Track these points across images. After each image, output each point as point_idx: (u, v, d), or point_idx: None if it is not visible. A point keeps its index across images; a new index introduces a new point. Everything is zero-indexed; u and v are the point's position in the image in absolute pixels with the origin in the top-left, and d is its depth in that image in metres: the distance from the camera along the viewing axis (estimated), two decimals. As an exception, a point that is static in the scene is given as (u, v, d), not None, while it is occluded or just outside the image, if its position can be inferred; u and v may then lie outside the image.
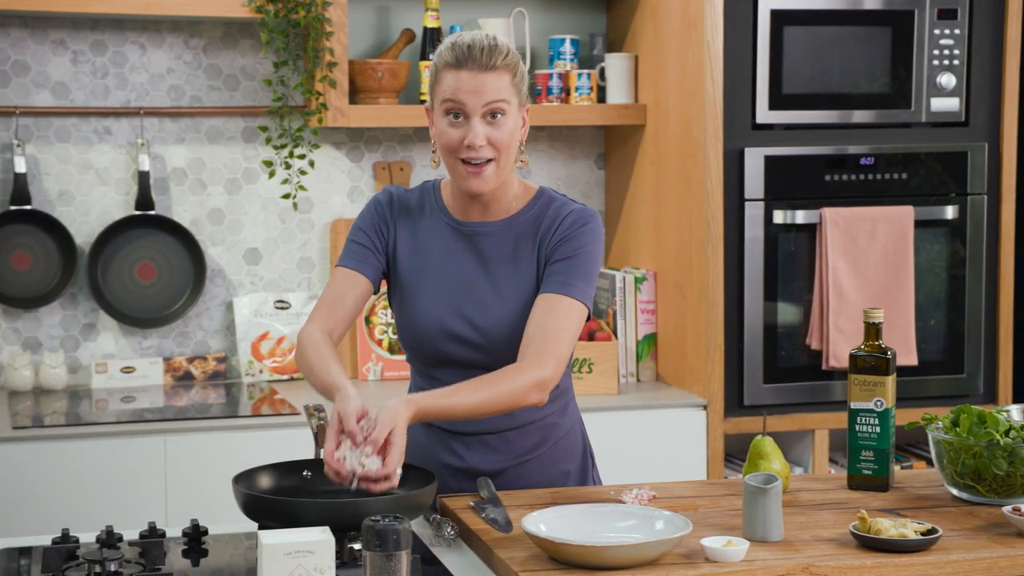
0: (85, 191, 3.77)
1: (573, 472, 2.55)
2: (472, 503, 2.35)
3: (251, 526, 2.27)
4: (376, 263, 2.45)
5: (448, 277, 2.42)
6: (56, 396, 3.64)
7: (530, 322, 2.34)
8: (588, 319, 2.41)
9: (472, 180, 2.34)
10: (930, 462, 3.81)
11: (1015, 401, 3.84)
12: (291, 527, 1.96)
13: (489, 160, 2.33)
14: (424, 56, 3.81)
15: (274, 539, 1.85)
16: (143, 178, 3.74)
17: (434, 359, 2.44)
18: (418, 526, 2.31)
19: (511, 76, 2.33)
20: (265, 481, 2.27)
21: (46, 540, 2.20)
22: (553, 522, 2.13)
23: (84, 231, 3.77)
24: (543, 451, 2.49)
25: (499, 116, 2.32)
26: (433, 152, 2.40)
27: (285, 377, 3.83)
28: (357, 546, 2.07)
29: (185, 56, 3.81)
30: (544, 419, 2.48)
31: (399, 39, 3.87)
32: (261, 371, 3.81)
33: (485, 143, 2.31)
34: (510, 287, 2.41)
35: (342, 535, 2.06)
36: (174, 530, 2.27)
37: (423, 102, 3.80)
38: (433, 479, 2.23)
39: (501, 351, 2.38)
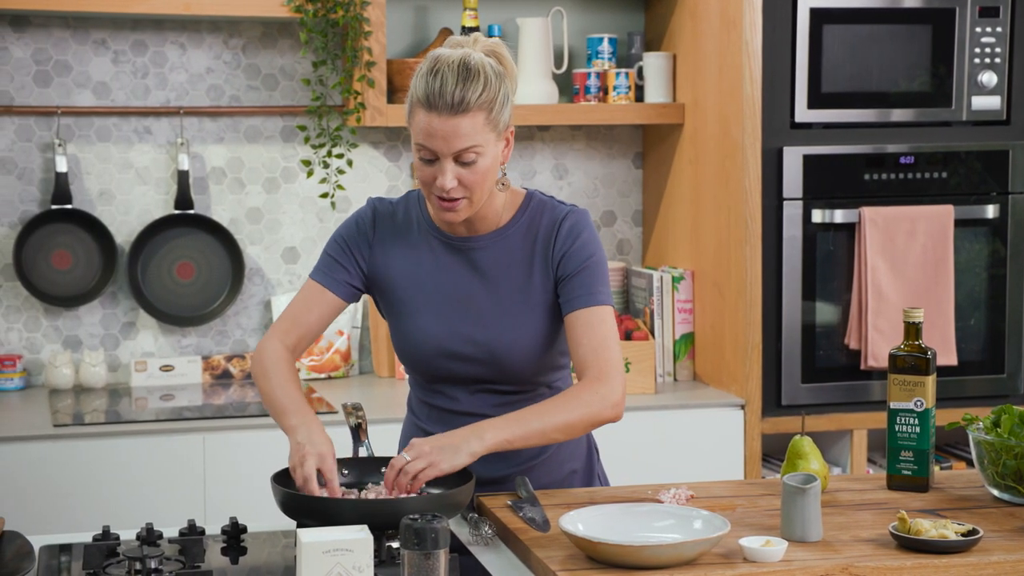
0: (125, 190, 3.80)
1: (579, 471, 2.54)
2: (510, 502, 2.35)
3: (289, 524, 2.28)
4: (348, 279, 2.42)
5: (443, 294, 2.39)
6: (96, 394, 3.67)
7: (575, 344, 2.33)
8: None
9: (446, 214, 2.30)
10: (970, 463, 3.78)
11: (1056, 402, 3.81)
12: (329, 525, 1.97)
13: (461, 198, 2.28)
14: (462, 55, 3.81)
15: (313, 537, 1.86)
16: (182, 177, 3.77)
17: (435, 376, 2.42)
18: (455, 525, 2.31)
19: (486, 114, 2.24)
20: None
21: (87, 537, 2.22)
22: (591, 521, 2.12)
23: (124, 230, 3.79)
24: (548, 455, 2.48)
25: (472, 156, 2.25)
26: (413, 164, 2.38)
27: (323, 376, 3.85)
28: (395, 544, 2.07)
29: (224, 56, 3.83)
30: None
31: (437, 38, 3.87)
32: (299, 370, 3.83)
33: (456, 184, 2.26)
34: (509, 298, 2.38)
35: (380, 534, 2.06)
36: (213, 528, 2.28)
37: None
38: (471, 477, 2.23)
39: (504, 364, 2.37)
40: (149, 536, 2.16)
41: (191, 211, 3.78)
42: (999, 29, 3.71)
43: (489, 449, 2.22)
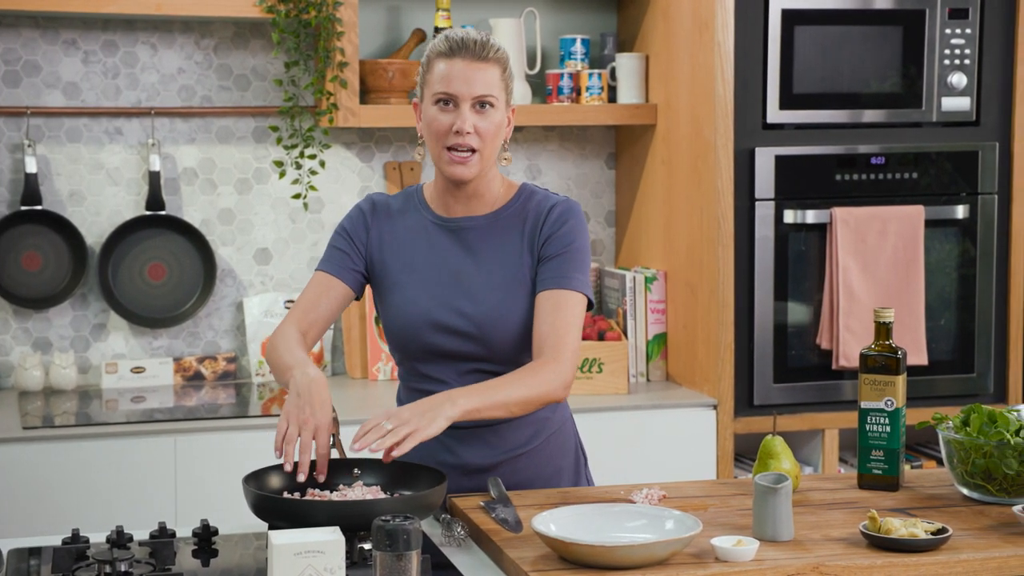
0: (96, 191, 3.78)
1: (566, 469, 2.55)
2: (482, 503, 2.35)
3: (261, 526, 2.27)
4: (355, 268, 2.49)
5: (435, 269, 2.45)
6: (66, 396, 3.65)
7: (539, 321, 2.39)
8: (590, 308, 2.45)
9: (456, 167, 2.39)
10: (940, 462, 3.80)
11: (1026, 401, 3.83)
12: (301, 527, 1.97)
13: (474, 151, 2.38)
14: (434, 56, 3.81)
15: (285, 539, 1.86)
16: (154, 178, 3.75)
17: (423, 353, 2.44)
18: (428, 526, 2.31)
19: (501, 70, 2.39)
20: (275, 481, 2.27)
21: (56, 540, 2.21)
22: (563, 522, 2.13)
23: (95, 231, 3.77)
24: (535, 445, 2.50)
25: (487, 107, 2.37)
26: (419, 145, 2.47)
27: (295, 377, 3.83)
28: (367, 546, 2.07)
29: (196, 56, 3.82)
30: (536, 413, 2.48)
31: (410, 39, 3.87)
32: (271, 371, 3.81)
33: (472, 131, 2.36)
34: (499, 277, 2.43)
35: (352, 535, 2.06)
36: (184, 530, 2.28)
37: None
38: (443, 479, 2.23)
39: (493, 340, 2.41)
40: (119, 539, 2.15)
41: (162, 212, 3.77)
42: (968, 31, 3.73)
43: (461, 415, 2.25)
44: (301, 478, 2.21)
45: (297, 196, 3.78)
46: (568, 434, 2.57)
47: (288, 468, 2.22)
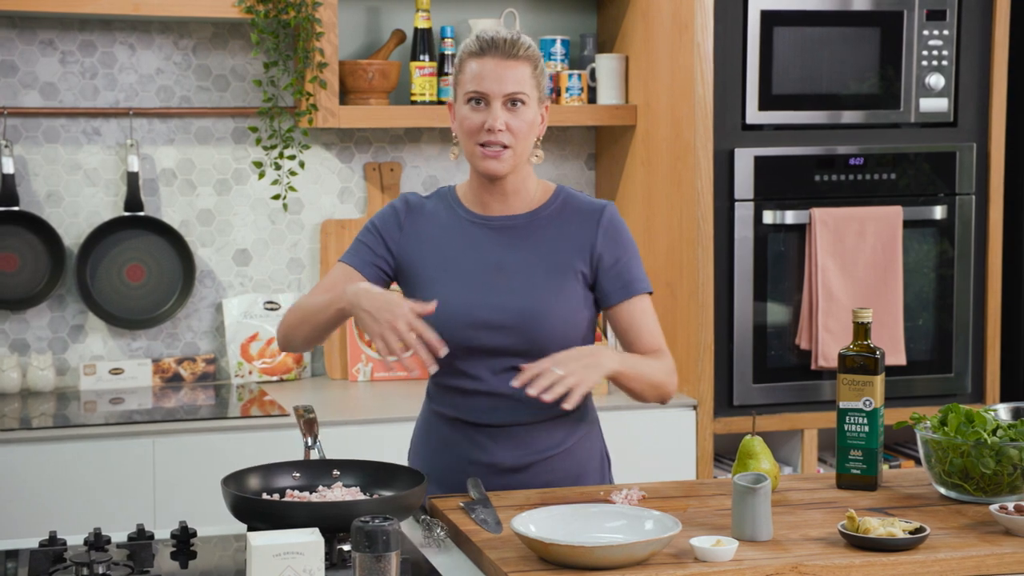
0: (74, 192, 3.77)
1: (592, 471, 2.57)
2: (462, 504, 2.35)
3: (240, 528, 2.27)
4: (377, 265, 2.49)
5: (475, 265, 2.45)
6: (44, 398, 3.64)
7: (635, 333, 2.48)
8: None
9: (490, 162, 2.41)
10: (919, 461, 3.82)
11: (1002, 400, 3.85)
12: (280, 528, 1.96)
13: (506, 146, 2.40)
14: (415, 57, 3.81)
15: (263, 540, 1.85)
16: (132, 179, 3.74)
17: (461, 349, 2.43)
18: (407, 527, 2.31)
19: (532, 68, 2.42)
20: (254, 482, 2.27)
21: (33, 543, 2.20)
22: (543, 522, 2.13)
23: (72, 232, 3.76)
24: (566, 448, 2.50)
25: (519, 105, 2.40)
26: (454, 145, 2.48)
27: (275, 378, 3.83)
28: (347, 547, 2.07)
29: (174, 57, 3.80)
30: (569, 415, 2.50)
31: (389, 40, 3.87)
32: (251, 372, 3.81)
33: (504, 128, 2.39)
34: (541, 272, 2.45)
35: (331, 536, 2.06)
36: (163, 532, 2.27)
37: (414, 103, 3.80)
38: (423, 479, 2.23)
39: (535, 333, 2.41)
40: (97, 541, 2.14)
41: (141, 213, 3.75)
42: (946, 32, 3.75)
43: (611, 373, 2.36)
44: (444, 352, 2.27)
45: (276, 197, 3.77)
46: (596, 436, 2.59)
47: (412, 372, 2.33)
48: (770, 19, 3.63)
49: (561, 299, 2.43)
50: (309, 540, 1.87)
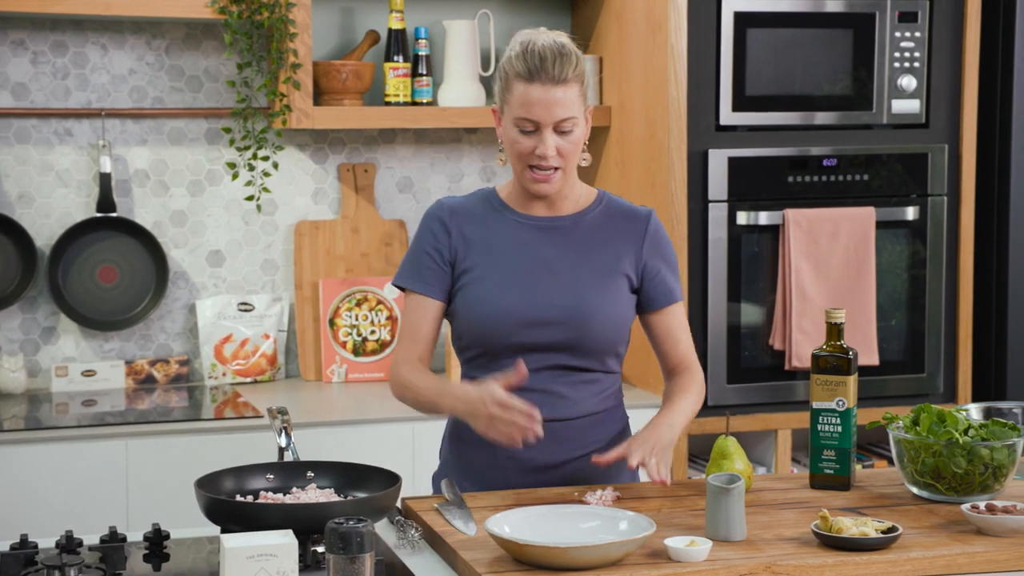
0: (45, 193, 3.75)
1: (623, 468, 2.56)
2: (436, 505, 2.35)
3: (213, 530, 2.26)
4: (443, 279, 2.50)
5: (523, 264, 2.47)
6: (16, 400, 3.62)
7: (671, 341, 2.55)
8: None
9: (540, 186, 2.44)
10: (891, 461, 3.83)
11: (974, 400, 3.87)
12: (254, 530, 1.96)
13: (557, 168, 2.41)
14: (389, 58, 3.80)
15: (237, 542, 1.85)
16: (104, 180, 3.72)
17: (510, 348, 2.45)
18: (382, 529, 2.30)
19: (579, 85, 2.41)
20: (228, 484, 2.26)
21: (4, 546, 2.19)
22: (517, 523, 2.13)
23: (44, 233, 3.74)
24: (602, 445, 2.51)
25: (569, 127, 2.40)
26: (500, 152, 2.48)
27: (248, 380, 3.82)
28: (320, 549, 2.06)
29: (147, 57, 3.79)
30: (606, 411, 2.53)
31: (363, 40, 3.86)
32: (224, 374, 3.80)
33: (555, 153, 2.40)
34: (590, 271, 2.47)
35: (305, 538, 2.05)
36: (135, 535, 2.26)
37: (388, 104, 3.80)
38: (397, 480, 2.22)
39: (584, 329, 2.44)
40: (69, 544, 2.13)
41: (113, 214, 3.74)
42: (918, 34, 3.77)
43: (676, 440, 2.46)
44: (538, 415, 2.28)
45: (250, 198, 3.76)
46: (627, 433, 2.60)
47: (533, 438, 2.30)
48: (743, 20, 3.64)
49: (608, 298, 2.47)
50: (283, 542, 1.86)
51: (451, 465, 2.55)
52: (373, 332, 3.87)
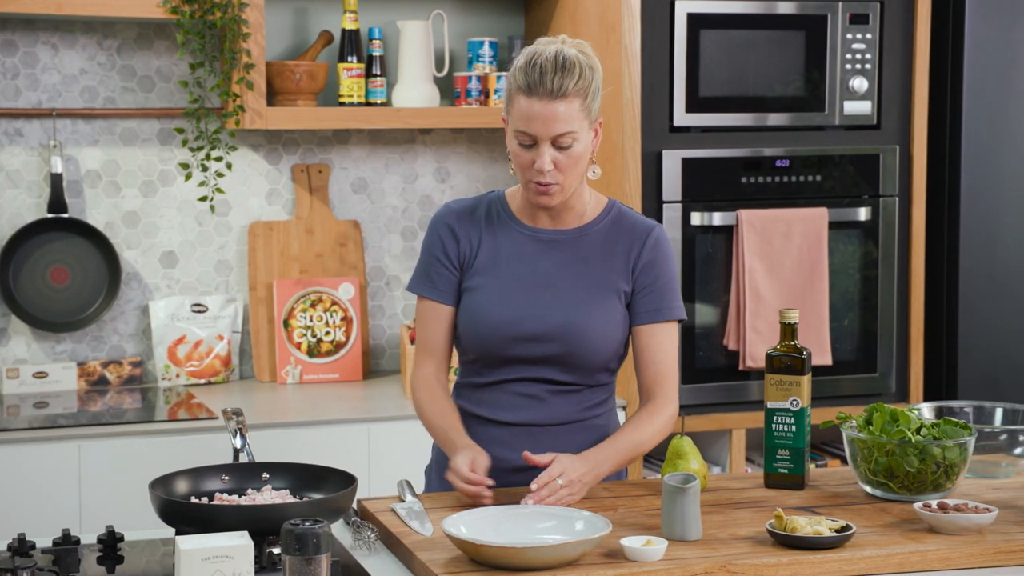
0: (-4, 193, 3.71)
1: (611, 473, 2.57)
2: (392, 506, 2.34)
3: (167, 532, 2.25)
4: (454, 283, 2.52)
5: (521, 278, 2.47)
6: (-33, 402, 3.58)
7: (646, 359, 2.50)
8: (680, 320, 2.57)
9: (540, 198, 2.43)
10: (845, 460, 3.86)
11: (926, 399, 3.91)
12: (209, 532, 1.95)
13: (555, 183, 2.40)
14: (343, 58, 3.79)
15: (192, 544, 1.84)
16: (56, 180, 3.69)
17: (501, 359, 2.47)
18: (337, 530, 2.30)
19: (581, 100, 2.38)
20: (183, 486, 2.25)
21: (-43, 549, 2.16)
22: (473, 524, 2.13)
23: (-5, 234, 3.70)
24: (582, 451, 2.49)
25: (568, 142, 2.38)
26: (509, 160, 2.47)
27: (203, 381, 3.80)
28: (276, 550, 2.06)
29: (99, 57, 3.76)
30: (588, 419, 2.53)
31: (317, 41, 3.85)
32: (178, 375, 3.77)
33: (552, 167, 2.39)
34: (586, 286, 2.47)
35: (261, 539, 2.04)
36: (89, 537, 2.24)
37: (342, 104, 3.79)
38: (354, 482, 2.22)
39: (576, 345, 2.44)
40: (21, 547, 2.11)
41: (65, 215, 3.70)
42: (869, 36, 3.80)
43: (609, 473, 2.44)
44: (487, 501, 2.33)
45: (204, 199, 3.74)
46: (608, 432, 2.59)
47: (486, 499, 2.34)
48: (697, 22, 3.66)
49: (603, 316, 2.46)
50: (239, 543, 1.85)
51: (441, 459, 2.57)
52: (328, 333, 3.85)
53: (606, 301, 2.48)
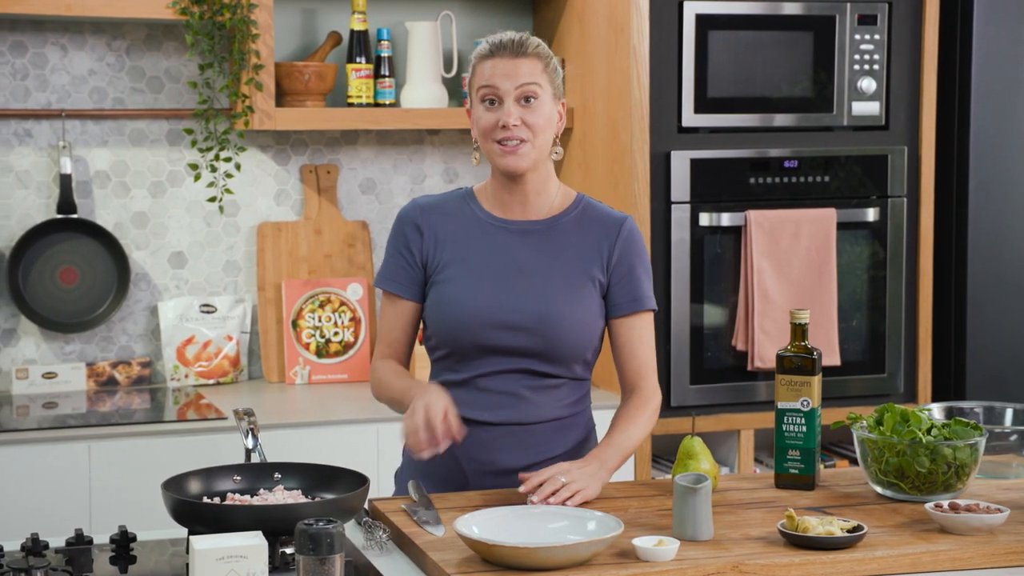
0: (5, 194, 3.71)
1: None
2: (403, 506, 2.35)
3: (178, 532, 2.25)
4: (416, 279, 2.52)
5: (494, 267, 2.47)
6: (-24, 403, 3.59)
7: (627, 352, 2.52)
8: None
9: (508, 158, 2.43)
10: (852, 461, 3.86)
11: (934, 400, 3.91)
12: (222, 532, 1.95)
13: (523, 140, 2.42)
14: (351, 59, 3.80)
15: (207, 544, 1.84)
16: (65, 181, 3.69)
17: (476, 348, 2.46)
18: (348, 530, 2.30)
19: (543, 65, 2.44)
20: (195, 486, 2.25)
21: (-30, 549, 2.17)
22: (486, 524, 2.13)
23: (4, 235, 3.71)
24: (566, 450, 2.51)
25: (532, 100, 2.43)
26: (475, 150, 2.49)
27: (211, 382, 3.80)
28: (289, 550, 2.06)
29: (108, 58, 3.77)
30: (569, 417, 2.53)
31: (325, 42, 3.85)
32: (187, 376, 3.78)
33: (520, 123, 2.41)
34: (560, 276, 2.47)
35: (273, 539, 2.05)
36: (100, 537, 2.25)
37: (350, 105, 3.79)
38: (366, 482, 2.22)
39: (552, 336, 2.44)
40: (35, 546, 2.12)
41: (74, 216, 3.71)
42: (877, 36, 3.80)
43: (613, 470, 2.43)
44: (443, 446, 2.31)
45: (212, 199, 3.74)
46: (592, 439, 2.60)
47: (426, 454, 2.31)
48: (705, 23, 3.66)
49: (579, 304, 2.46)
50: (253, 543, 1.86)
51: (412, 465, 2.55)
52: (336, 333, 3.86)
53: (583, 290, 2.47)
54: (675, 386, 3.68)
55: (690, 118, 3.67)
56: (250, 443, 2.36)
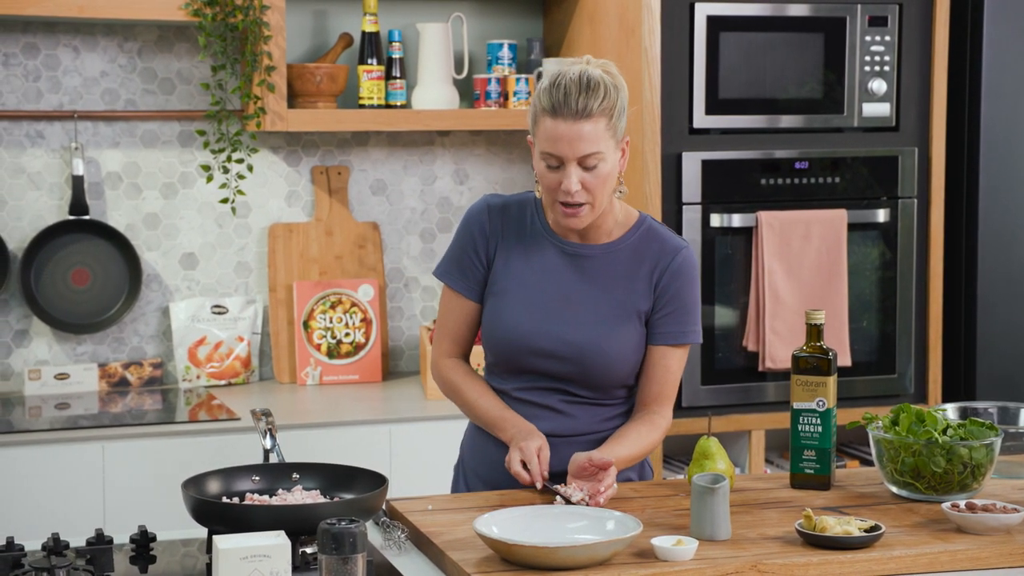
0: (17, 196, 3.72)
1: (633, 478, 2.60)
2: (429, 507, 2.35)
3: (196, 531, 2.26)
4: (481, 279, 2.53)
5: (545, 294, 2.48)
6: (-11, 403, 3.59)
7: (653, 376, 2.51)
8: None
9: (569, 220, 2.43)
10: (863, 461, 3.87)
11: (944, 401, 3.92)
12: (243, 531, 1.96)
13: (584, 203, 2.40)
14: (363, 60, 3.80)
15: (230, 543, 1.85)
16: (77, 182, 3.70)
17: (519, 369, 2.49)
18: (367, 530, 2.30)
19: (607, 119, 2.38)
20: (214, 486, 2.26)
21: (-11, 549, 2.17)
22: (505, 524, 2.14)
23: (16, 236, 3.72)
24: None
25: (594, 162, 2.38)
26: (536, 182, 2.47)
27: (223, 382, 3.81)
28: (310, 550, 2.07)
29: (120, 59, 3.77)
30: (609, 431, 2.53)
31: (337, 43, 3.86)
32: (199, 376, 3.78)
33: (580, 188, 2.38)
34: (607, 306, 2.47)
35: (294, 539, 2.05)
36: (121, 537, 2.25)
37: (362, 106, 3.80)
38: (384, 482, 2.23)
39: (591, 366, 2.46)
40: (56, 546, 2.12)
41: (86, 217, 3.72)
42: (888, 38, 3.81)
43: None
44: (539, 485, 2.38)
45: (224, 201, 3.75)
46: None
47: (537, 483, 2.38)
48: (716, 24, 3.66)
49: (620, 338, 2.47)
50: (276, 543, 1.87)
51: (471, 456, 2.59)
52: (348, 335, 3.87)
53: (626, 323, 2.48)
54: (687, 387, 3.68)
55: (701, 119, 3.68)
56: (268, 443, 2.37)
